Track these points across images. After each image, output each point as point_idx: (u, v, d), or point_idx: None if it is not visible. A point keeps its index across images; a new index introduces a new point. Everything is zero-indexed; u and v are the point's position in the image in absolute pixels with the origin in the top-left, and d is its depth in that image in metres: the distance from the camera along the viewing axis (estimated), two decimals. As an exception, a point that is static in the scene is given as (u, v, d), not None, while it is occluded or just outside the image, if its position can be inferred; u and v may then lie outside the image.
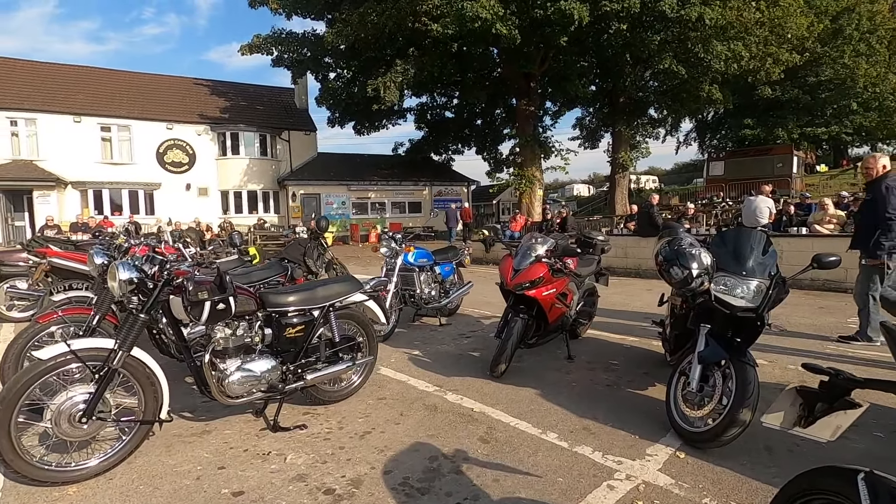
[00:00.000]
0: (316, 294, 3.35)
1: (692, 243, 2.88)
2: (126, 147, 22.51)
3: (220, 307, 2.65)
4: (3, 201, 19.81)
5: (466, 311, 7.15)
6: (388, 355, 4.97)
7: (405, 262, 5.73)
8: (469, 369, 4.42)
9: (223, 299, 2.65)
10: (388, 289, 5.49)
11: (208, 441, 3.06)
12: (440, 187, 28.14)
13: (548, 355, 4.80)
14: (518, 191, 21.19)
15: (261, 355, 3.10)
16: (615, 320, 6.31)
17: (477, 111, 26.57)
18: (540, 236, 4.31)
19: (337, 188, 25.40)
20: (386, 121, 26.30)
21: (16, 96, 20.79)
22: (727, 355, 2.78)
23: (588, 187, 62.24)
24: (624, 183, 24.11)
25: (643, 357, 4.74)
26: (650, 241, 10.62)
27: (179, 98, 24.55)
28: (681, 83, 20.24)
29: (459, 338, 5.64)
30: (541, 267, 4.04)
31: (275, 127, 25.08)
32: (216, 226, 22.40)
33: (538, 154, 21.33)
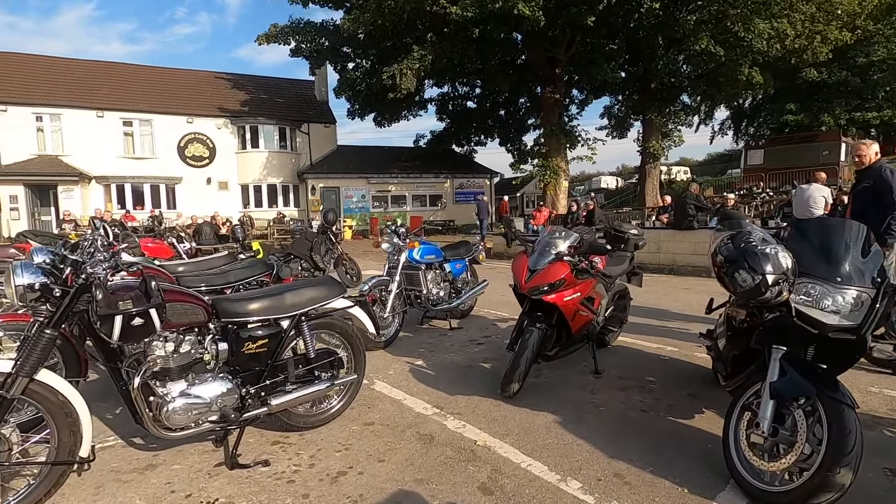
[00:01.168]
0: (283, 301, 2.75)
1: (765, 239, 2.15)
2: (148, 141, 22.56)
3: (137, 322, 2.07)
4: (30, 196, 20.06)
5: (481, 312, 6.49)
6: (387, 365, 4.36)
7: (410, 258, 5.11)
8: (477, 385, 3.77)
9: (142, 312, 2.07)
10: (390, 289, 4.89)
11: (148, 480, 2.50)
12: (462, 179, 27.42)
13: (570, 368, 4.11)
14: (542, 182, 20.31)
15: (213, 376, 2.53)
16: (649, 324, 5.55)
17: (500, 101, 25.70)
18: (562, 230, 3.62)
19: (357, 181, 24.98)
20: (406, 112, 25.68)
21: (41, 92, 21.00)
22: (814, 390, 2.05)
23: (616, 179, 60.48)
24: (655, 174, 22.91)
25: (686, 373, 3.99)
26: (686, 235, 9.74)
27: (200, 92, 24.49)
28: (717, 66, 18.97)
29: (470, 345, 4.99)
30: (562, 267, 3.36)
31: (294, 120, 24.79)
32: (236, 220, 22.32)
33: (563, 144, 20.38)
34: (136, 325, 2.07)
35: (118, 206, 21.57)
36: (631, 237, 4.34)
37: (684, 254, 9.71)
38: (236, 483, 2.46)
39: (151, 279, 2.15)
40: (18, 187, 19.64)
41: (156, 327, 2.15)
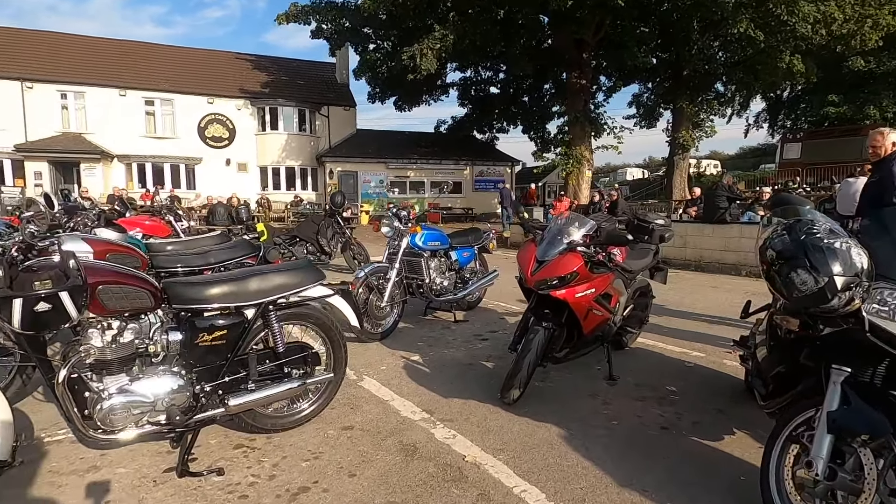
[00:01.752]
0: (247, 286, 2.39)
1: (833, 230, 1.69)
2: (169, 121, 22.60)
3: (43, 308, 1.73)
4: (54, 172, 20.32)
5: (489, 304, 6.08)
6: (380, 359, 4.01)
7: (412, 244, 4.72)
8: (475, 387, 3.38)
9: (51, 296, 1.72)
10: (389, 276, 4.51)
11: (85, 485, 2.19)
12: (482, 167, 26.85)
13: (581, 371, 3.69)
14: (564, 171, 19.63)
15: (161, 371, 2.20)
16: (672, 325, 5.06)
17: (524, 86, 24.93)
18: (576, 217, 3.17)
19: (375, 166, 24.66)
20: (427, 96, 25.15)
21: (66, 70, 21.16)
22: (889, 426, 1.60)
23: (642, 171, 58.94)
24: (684, 166, 21.96)
25: (713, 383, 3.53)
26: (716, 229, 9.11)
27: (221, 72, 24.39)
28: (756, 53, 17.89)
29: (473, 340, 4.60)
30: (574, 258, 2.92)
31: (314, 102, 24.52)
32: (254, 202, 22.28)
33: (588, 132, 19.61)
34: (41, 310, 1.73)
35: (139, 185, 21.74)
36: (656, 228, 3.86)
37: (713, 249, 9.09)
38: (182, 495, 2.13)
39: (71, 257, 1.81)
40: (43, 164, 19.91)
41: (71, 316, 1.80)
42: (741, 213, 9.25)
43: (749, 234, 8.68)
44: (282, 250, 7.95)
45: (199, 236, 5.13)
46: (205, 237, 4.89)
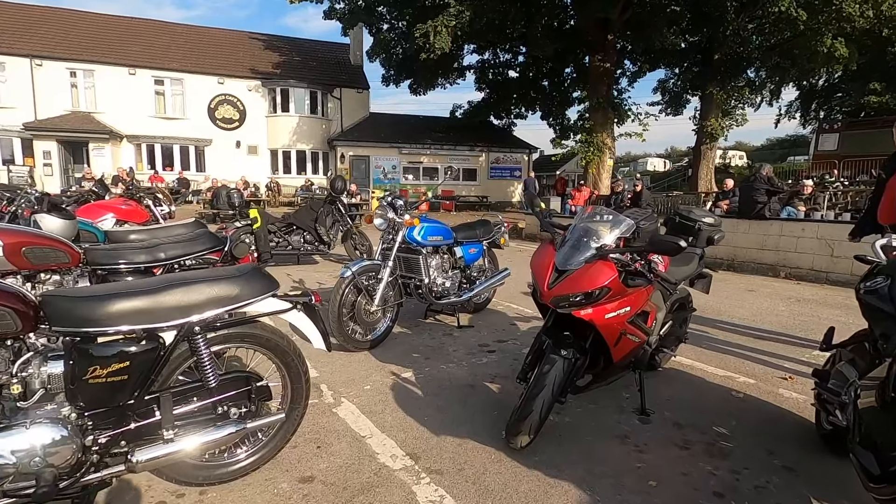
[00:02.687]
0: (164, 301, 1.77)
1: None
2: (179, 101, 22.15)
3: None
4: (63, 152, 20.06)
5: (499, 306, 5.43)
6: (366, 375, 3.39)
7: (409, 239, 4.07)
8: (476, 420, 2.75)
9: None
10: (381, 276, 3.87)
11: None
12: (498, 154, 25.98)
13: (606, 400, 3.02)
14: (584, 160, 18.73)
15: (31, 417, 1.59)
16: (711, 339, 4.35)
17: (544, 70, 23.90)
18: (608, 212, 2.48)
19: (388, 150, 23.96)
20: (443, 79, 24.32)
21: (76, 47, 20.79)
22: None
23: (664, 162, 57.38)
24: (711, 156, 20.84)
25: (772, 424, 2.83)
26: (752, 226, 8.27)
27: (232, 52, 23.83)
28: (794, 35, 16.68)
29: (478, 352, 3.96)
30: (606, 268, 2.24)
31: (326, 84, 23.84)
32: (264, 186, 21.83)
33: (611, 118, 18.65)
34: None
35: (148, 167, 21.42)
36: (704, 227, 3.14)
37: (748, 248, 8.27)
38: (54, 593, 1.54)
39: None
40: (51, 143, 19.64)
41: None
42: (781, 209, 8.40)
43: (790, 232, 7.85)
44: (277, 238, 7.39)
45: (169, 224, 4.54)
46: (175, 225, 4.31)
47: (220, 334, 1.95)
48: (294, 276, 6.87)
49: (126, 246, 2.99)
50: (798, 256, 7.68)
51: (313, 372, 3.41)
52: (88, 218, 5.14)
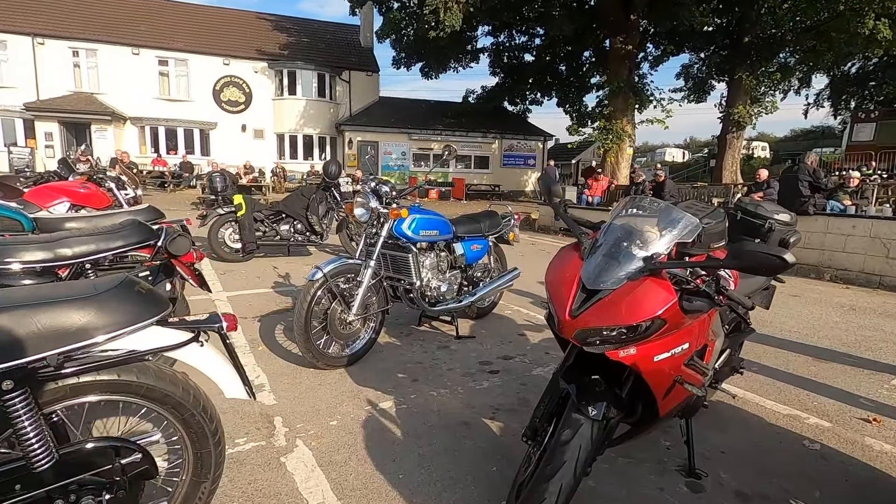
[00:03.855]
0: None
1: None
2: (183, 83, 21.56)
3: None
4: (65, 133, 19.62)
5: (507, 309, 4.71)
6: (334, 405, 2.71)
7: (397, 233, 3.35)
8: (467, 481, 2.05)
9: None
10: (361, 279, 3.17)
11: None
12: (512, 141, 25.05)
13: (641, 453, 2.30)
14: (602, 148, 17.78)
15: None
16: (761, 355, 3.59)
17: (562, 54, 22.84)
18: (660, 205, 1.72)
19: (397, 136, 23.18)
20: (455, 62, 23.38)
21: (79, 25, 20.23)
22: None
23: (683, 152, 55.89)
24: (737, 145, 19.70)
25: (864, 491, 2.09)
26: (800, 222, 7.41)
27: (239, 32, 23.11)
28: (832, 17, 15.48)
29: (478, 371, 3.25)
30: (660, 290, 1.51)
31: (335, 66, 23.04)
32: (269, 171, 21.24)
33: (631, 103, 17.64)
34: None
35: (152, 150, 20.95)
36: (777, 227, 2.38)
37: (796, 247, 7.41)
38: None
39: None
40: (53, 124, 19.20)
41: None
42: (826, 203, 7.52)
43: (837, 229, 6.99)
44: (264, 227, 6.73)
45: (115, 211, 3.88)
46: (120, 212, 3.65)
47: (58, 386, 1.26)
48: (281, 270, 6.22)
49: (19, 240, 2.33)
50: (847, 257, 6.82)
51: (269, 398, 2.75)
52: (38, 202, 4.51)
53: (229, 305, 4.55)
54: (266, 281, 5.59)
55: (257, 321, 4.14)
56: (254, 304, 4.64)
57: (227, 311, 2.03)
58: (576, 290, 1.60)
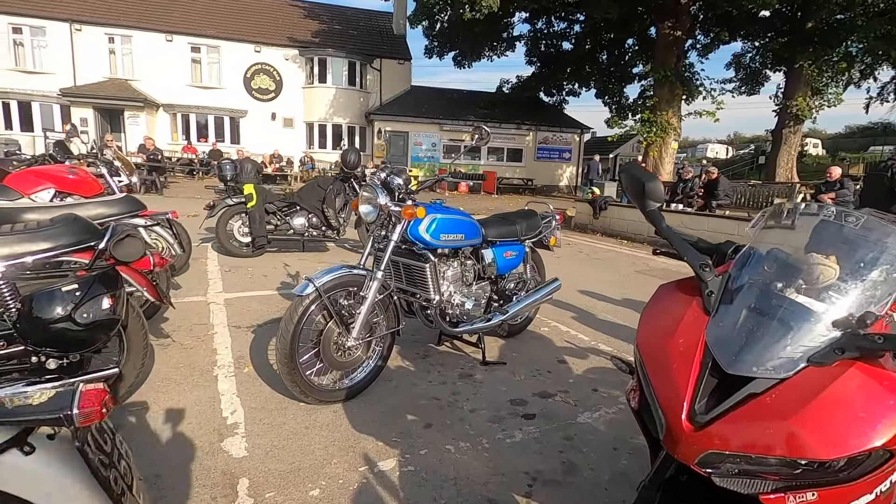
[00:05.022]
0: None
1: None
2: (215, 70, 21.43)
3: None
4: (99, 120, 19.78)
5: (543, 325, 3.99)
6: (321, 461, 2.07)
7: (411, 236, 2.68)
8: None
9: None
10: (365, 293, 2.52)
11: None
12: (546, 133, 24.01)
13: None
14: (645, 142, 16.66)
15: None
16: None
17: (603, 41, 21.66)
18: (865, 219, 0.98)
19: (428, 126, 22.49)
20: (490, 50, 22.52)
21: (115, 12, 20.29)
22: None
23: (727, 148, 53.34)
24: (794, 141, 18.16)
25: None
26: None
27: (271, 19, 22.83)
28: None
29: (509, 414, 2.56)
30: (886, 394, 0.77)
31: (366, 53, 22.49)
32: (297, 160, 20.96)
33: (678, 94, 16.44)
34: None
35: (183, 137, 20.96)
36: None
37: None
38: None
39: None
40: (88, 110, 19.37)
41: None
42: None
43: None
44: (276, 221, 6.19)
45: (83, 201, 3.35)
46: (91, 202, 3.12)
47: None
48: (291, 267, 5.65)
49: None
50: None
51: (239, 447, 2.14)
52: (20, 188, 4.05)
53: (224, 310, 3.99)
54: (272, 280, 5.03)
55: (251, 332, 3.56)
56: (252, 309, 4.07)
57: (103, 380, 1.41)
58: (698, 371, 0.89)
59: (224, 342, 3.34)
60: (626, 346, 3.72)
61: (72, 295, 1.81)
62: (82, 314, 1.82)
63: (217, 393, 2.63)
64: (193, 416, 2.38)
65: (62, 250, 1.94)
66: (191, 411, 2.42)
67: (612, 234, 10.33)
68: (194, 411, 2.43)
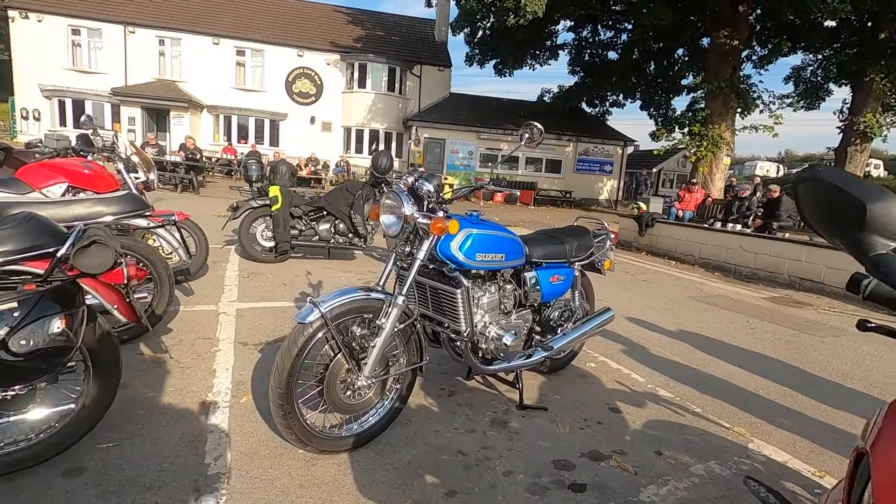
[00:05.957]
0: None
1: None
2: (258, 73, 21.77)
3: None
4: (146, 119, 20.33)
5: (588, 359, 3.44)
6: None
7: (441, 254, 2.22)
8: None
9: None
10: (382, 322, 2.06)
11: None
12: (588, 145, 23.25)
13: None
14: (694, 156, 15.75)
15: None
16: None
17: (652, 50, 20.80)
18: None
19: (465, 134, 22.13)
20: (532, 59, 22.04)
21: (166, 15, 20.94)
22: None
23: (777, 166, 50.89)
24: (860, 160, 16.79)
25: None
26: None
27: (315, 24, 23.11)
28: None
29: (553, 479, 2.04)
30: None
31: (406, 60, 22.39)
32: (334, 164, 20.97)
33: (733, 107, 15.48)
34: None
35: (224, 139, 21.32)
36: None
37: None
38: None
39: None
40: (136, 109, 19.95)
41: None
42: None
43: None
44: (301, 226, 5.86)
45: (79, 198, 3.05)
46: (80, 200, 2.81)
47: None
48: (314, 276, 5.29)
49: None
50: None
51: (210, 518, 1.69)
52: (33, 181, 3.83)
53: (233, 323, 3.63)
54: (291, 290, 4.67)
55: (257, 351, 3.17)
56: (263, 323, 3.69)
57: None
58: None
59: (226, 362, 2.96)
60: (689, 391, 3.13)
61: (7, 316, 1.43)
62: (19, 341, 1.43)
63: (205, 429, 2.23)
64: (171, 462, 1.97)
65: (9, 258, 1.57)
66: (169, 453, 2.02)
67: (659, 253, 9.60)
68: (173, 453, 2.02)
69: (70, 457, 1.90)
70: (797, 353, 4.18)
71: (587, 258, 3.01)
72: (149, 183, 4.27)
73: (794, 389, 3.34)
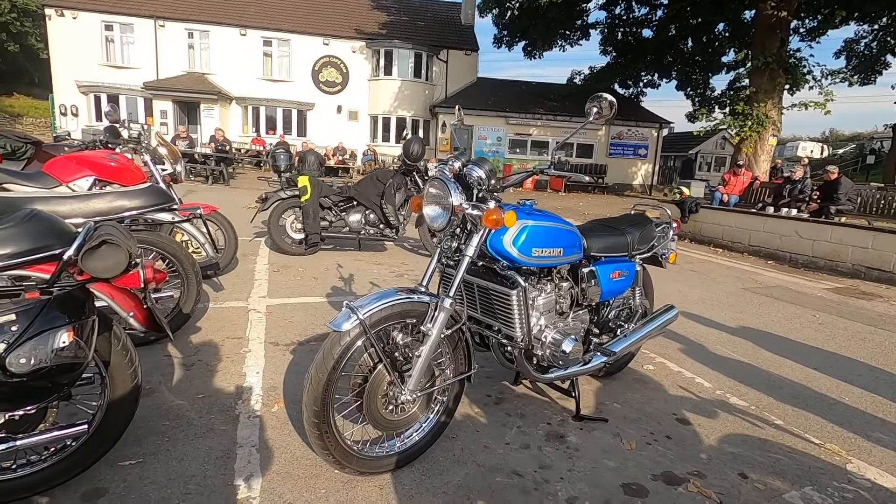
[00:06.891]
0: None
1: None
2: (285, 63, 21.73)
3: None
4: (177, 112, 20.59)
5: (646, 360, 3.13)
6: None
7: (493, 250, 1.94)
8: None
9: None
10: (429, 327, 1.81)
11: None
12: (621, 128, 22.42)
13: None
14: (737, 137, 14.91)
15: None
16: None
17: (690, 26, 19.75)
18: None
19: (494, 120, 21.63)
20: (562, 39, 21.28)
21: (195, 8, 21.05)
22: None
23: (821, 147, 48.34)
24: (920, 137, 15.63)
25: None
26: None
27: (340, 12, 22.85)
28: None
29: (626, 520, 1.77)
30: None
31: (433, 45, 21.95)
32: (360, 153, 20.84)
33: (780, 83, 14.54)
34: None
35: (253, 130, 21.43)
36: None
37: None
38: None
39: None
40: (168, 102, 20.22)
41: None
42: None
43: None
44: (331, 217, 5.67)
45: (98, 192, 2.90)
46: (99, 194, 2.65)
47: None
48: (345, 269, 5.10)
49: None
50: None
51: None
52: (60, 175, 3.72)
53: (264, 321, 3.45)
54: (322, 285, 4.48)
55: (289, 352, 2.98)
56: (295, 321, 3.50)
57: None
58: None
59: (256, 365, 2.77)
60: (763, 398, 2.79)
61: (4, 331, 1.23)
62: (19, 359, 1.24)
63: (234, 443, 2.04)
64: (197, 482, 1.78)
65: (9, 262, 1.38)
66: (196, 472, 1.84)
67: (704, 240, 9.07)
68: (200, 472, 1.84)
69: (90, 477, 1.73)
70: (878, 352, 3.75)
71: (649, 250, 2.69)
72: (176, 175, 4.13)
73: (885, 397, 2.95)
